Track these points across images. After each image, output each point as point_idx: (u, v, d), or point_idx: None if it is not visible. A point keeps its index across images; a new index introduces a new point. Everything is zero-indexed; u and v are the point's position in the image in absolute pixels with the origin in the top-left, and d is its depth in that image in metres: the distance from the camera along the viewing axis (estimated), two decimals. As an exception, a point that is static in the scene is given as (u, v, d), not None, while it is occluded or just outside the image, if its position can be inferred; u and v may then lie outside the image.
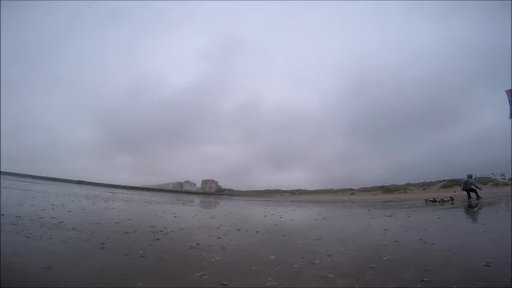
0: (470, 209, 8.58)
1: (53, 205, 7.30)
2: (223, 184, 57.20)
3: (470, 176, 12.99)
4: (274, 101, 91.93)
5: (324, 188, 46.45)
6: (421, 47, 76.99)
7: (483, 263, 2.52)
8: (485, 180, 30.13)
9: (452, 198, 12.37)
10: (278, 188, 50.75)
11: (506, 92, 12.86)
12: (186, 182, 64.28)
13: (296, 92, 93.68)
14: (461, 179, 13.71)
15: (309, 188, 48.04)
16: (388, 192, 37.30)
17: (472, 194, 12.24)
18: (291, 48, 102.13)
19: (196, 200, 21.41)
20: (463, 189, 12.77)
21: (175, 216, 7.24)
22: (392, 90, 76.49)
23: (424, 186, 37.16)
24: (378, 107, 75.67)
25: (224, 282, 2.25)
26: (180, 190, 54.38)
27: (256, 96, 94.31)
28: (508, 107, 12.59)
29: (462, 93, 66.66)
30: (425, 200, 13.01)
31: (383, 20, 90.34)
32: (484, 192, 13.48)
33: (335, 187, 45.14)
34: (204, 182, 60.52)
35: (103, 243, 3.44)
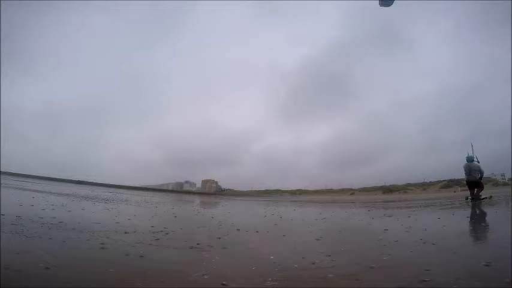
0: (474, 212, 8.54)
1: (53, 205, 7.29)
2: (224, 184, 57.31)
3: (471, 159, 10.03)
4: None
5: (324, 188, 46.50)
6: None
7: (483, 263, 2.52)
8: (485, 180, 30.10)
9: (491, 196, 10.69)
10: (278, 188, 50.75)
11: None
12: (186, 182, 64.34)
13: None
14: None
15: (309, 188, 48.12)
16: (388, 192, 37.35)
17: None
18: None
19: (197, 200, 21.40)
20: (467, 181, 10.12)
21: (175, 216, 7.24)
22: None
23: (424, 186, 37.14)
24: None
25: (224, 282, 2.24)
26: (180, 190, 54.40)
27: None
28: None
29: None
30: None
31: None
32: (484, 192, 13.29)
33: (335, 187, 45.20)
34: (204, 182, 60.58)
35: (103, 243, 3.43)
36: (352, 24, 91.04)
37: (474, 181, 9.96)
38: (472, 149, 11.28)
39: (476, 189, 9.98)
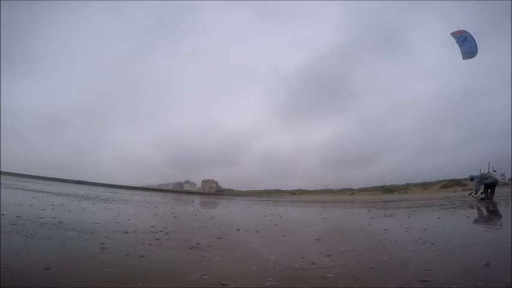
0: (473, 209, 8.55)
1: (53, 205, 7.30)
2: (224, 184, 57.40)
3: (472, 178, 11.13)
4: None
5: (323, 188, 46.45)
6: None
7: (483, 263, 2.52)
8: (486, 180, 30.10)
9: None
10: (278, 188, 50.73)
11: (452, 34, 11.97)
12: (186, 182, 64.26)
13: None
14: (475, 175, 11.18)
15: (309, 188, 48.09)
16: (388, 192, 37.24)
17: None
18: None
19: (197, 200, 21.41)
20: (489, 183, 10.55)
21: (175, 216, 7.24)
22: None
23: (424, 186, 37.09)
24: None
25: (224, 282, 2.25)
26: (180, 190, 54.36)
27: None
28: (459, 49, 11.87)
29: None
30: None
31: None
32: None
33: (335, 187, 45.14)
34: (204, 182, 60.44)
35: (103, 243, 3.44)
36: (352, 27, 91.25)
37: (495, 181, 10.86)
38: (489, 167, 11.52)
39: (490, 190, 10.85)
